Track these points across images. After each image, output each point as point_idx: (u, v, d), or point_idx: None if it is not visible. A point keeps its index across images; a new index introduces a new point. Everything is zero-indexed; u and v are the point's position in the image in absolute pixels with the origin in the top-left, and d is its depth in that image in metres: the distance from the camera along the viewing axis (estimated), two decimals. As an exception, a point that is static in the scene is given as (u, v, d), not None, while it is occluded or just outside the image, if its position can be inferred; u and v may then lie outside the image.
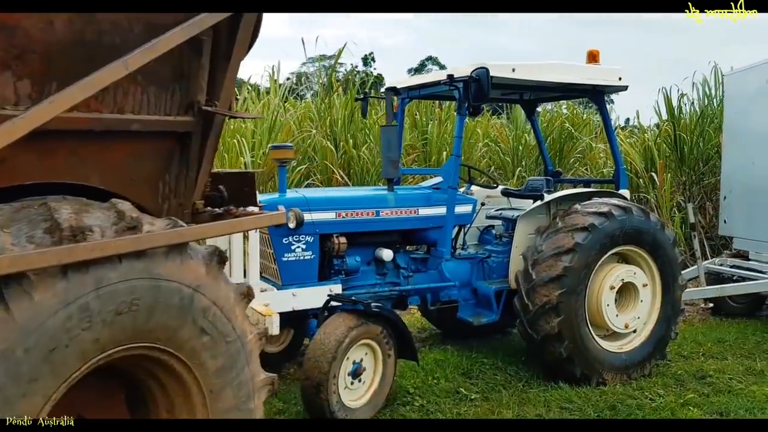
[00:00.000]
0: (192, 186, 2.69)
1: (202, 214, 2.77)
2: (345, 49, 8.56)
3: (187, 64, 2.57)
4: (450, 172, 5.08)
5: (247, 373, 2.50)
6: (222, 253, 2.42)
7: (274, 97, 8.96)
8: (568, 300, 4.77)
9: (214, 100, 2.65)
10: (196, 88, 2.58)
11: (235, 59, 2.65)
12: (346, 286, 4.80)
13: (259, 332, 2.60)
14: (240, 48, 2.65)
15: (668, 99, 9.55)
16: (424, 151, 8.60)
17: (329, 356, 4.06)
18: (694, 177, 9.52)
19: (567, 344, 4.78)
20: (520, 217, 5.29)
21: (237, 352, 2.45)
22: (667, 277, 5.27)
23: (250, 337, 2.53)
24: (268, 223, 2.76)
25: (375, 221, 4.87)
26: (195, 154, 2.66)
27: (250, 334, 2.53)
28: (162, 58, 2.44)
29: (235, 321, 2.44)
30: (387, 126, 4.95)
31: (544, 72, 5.10)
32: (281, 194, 4.64)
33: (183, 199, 2.68)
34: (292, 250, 4.56)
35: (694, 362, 5.56)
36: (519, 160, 9.55)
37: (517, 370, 5.19)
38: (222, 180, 3.00)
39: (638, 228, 5.06)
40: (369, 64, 47.11)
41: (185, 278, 2.24)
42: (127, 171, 2.48)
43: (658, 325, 5.26)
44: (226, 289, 2.42)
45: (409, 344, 4.50)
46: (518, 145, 9.64)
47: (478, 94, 4.64)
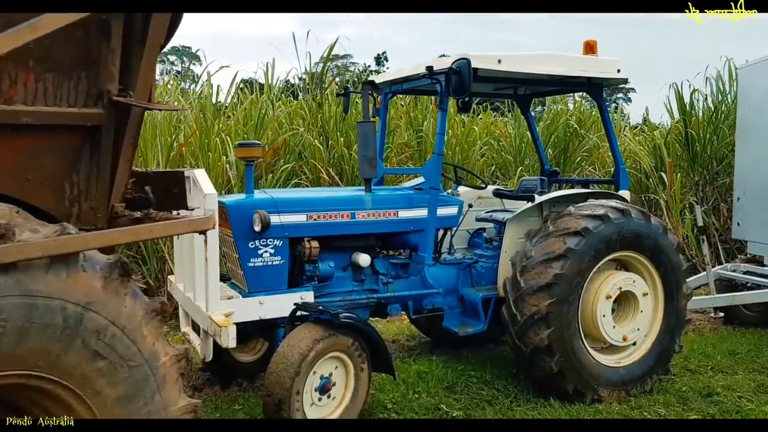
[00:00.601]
0: (106, 187, 2.38)
1: (121, 218, 2.46)
2: (348, 46, 8.23)
3: (95, 49, 2.26)
4: (432, 172, 4.72)
5: (158, 402, 2.18)
6: (126, 264, 2.10)
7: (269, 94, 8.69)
8: (559, 310, 4.40)
9: (129, 89, 2.34)
10: (106, 76, 2.28)
11: (152, 43, 2.34)
12: (319, 294, 4.47)
13: (178, 354, 2.28)
14: (157, 30, 2.33)
15: (679, 95, 9.09)
16: (419, 150, 8.24)
17: (292, 371, 3.74)
18: (707, 177, 9.05)
19: (558, 358, 4.41)
20: (510, 220, 4.92)
21: (144, 379, 2.13)
22: (671, 285, 4.87)
23: (164, 359, 2.21)
24: (185, 230, 2.44)
25: (350, 224, 4.53)
26: (108, 151, 2.35)
27: (164, 356, 2.21)
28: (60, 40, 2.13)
29: (141, 342, 2.12)
30: (364, 122, 4.61)
31: (533, 63, 4.72)
32: (248, 195, 4.32)
33: (96, 202, 2.37)
34: (259, 254, 4.23)
35: (701, 377, 5.14)
36: (522, 159, 9.16)
37: (505, 385, 4.82)
38: (150, 180, 2.68)
39: (637, 232, 4.67)
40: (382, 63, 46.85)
41: (72, 294, 1.93)
42: (22, 170, 2.18)
43: (661, 337, 4.86)
44: (130, 306, 2.10)
45: (384, 357, 4.17)
46: (521, 144, 9.24)
47: (458, 87, 4.29)
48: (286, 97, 8.85)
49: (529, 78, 4.98)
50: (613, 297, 4.65)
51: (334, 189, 6.52)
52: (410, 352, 5.73)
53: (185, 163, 7.15)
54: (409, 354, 5.69)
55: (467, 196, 5.51)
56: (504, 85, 5.64)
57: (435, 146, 4.73)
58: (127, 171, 2.45)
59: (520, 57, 4.69)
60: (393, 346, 5.96)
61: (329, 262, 4.49)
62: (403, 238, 4.81)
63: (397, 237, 4.79)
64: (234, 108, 8.53)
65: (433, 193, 4.69)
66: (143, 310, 2.15)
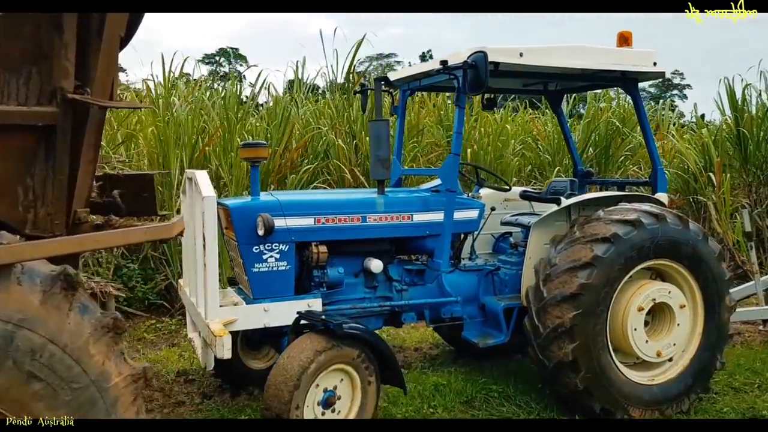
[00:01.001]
0: (64, 191, 2.21)
1: (84, 225, 2.29)
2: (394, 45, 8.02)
3: (46, 44, 2.09)
4: (449, 173, 4.44)
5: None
6: (71, 276, 1.92)
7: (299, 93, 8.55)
8: (585, 323, 4.06)
9: (86, 86, 2.16)
10: (60, 72, 2.10)
11: (111, 37, 2.15)
12: (328, 301, 4.26)
13: (134, 374, 2.09)
14: (115, 23, 2.15)
15: (731, 90, 8.49)
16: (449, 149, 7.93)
17: (291, 384, 3.53)
18: (761, 177, 8.44)
19: (583, 374, 4.07)
20: (534, 224, 4.60)
21: (91, 401, 1.95)
22: (711, 296, 4.46)
23: (116, 380, 2.02)
24: (141, 239, 2.25)
25: (360, 228, 4.29)
26: (65, 153, 2.18)
27: (117, 376, 2.03)
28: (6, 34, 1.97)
29: (87, 362, 1.94)
30: (376, 120, 4.37)
31: (560, 57, 4.38)
32: (254, 197, 4.14)
33: (53, 208, 2.20)
34: (264, 259, 4.04)
35: (745, 397, 4.70)
36: (561, 158, 8.75)
37: (528, 401, 4.51)
38: (121, 184, 2.51)
39: (674, 239, 4.28)
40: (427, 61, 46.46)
41: (2, 311, 1.76)
42: (-34, 174, 2.03)
43: (700, 353, 4.47)
44: (76, 322, 1.93)
45: (393, 369, 3.91)
46: (560, 143, 8.82)
47: (474, 83, 4.00)
48: (313, 96, 8.68)
49: (557, 73, 4.66)
50: (646, 309, 4.28)
51: (344, 191, 6.29)
52: (431, 362, 5.47)
53: (210, 164, 7.07)
54: (430, 363, 5.43)
55: (492, 198, 5.21)
56: (533, 81, 5.31)
57: (452, 146, 4.44)
58: (89, 174, 2.27)
59: (544, 50, 4.36)
60: (414, 355, 5.72)
61: (339, 268, 4.27)
62: (418, 243, 4.54)
63: (412, 242, 4.53)
64: (257, 107, 8.44)
65: (450, 195, 4.41)
66: (92, 327, 1.97)
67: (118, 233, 2.08)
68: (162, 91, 7.77)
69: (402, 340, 6.05)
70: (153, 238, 2.15)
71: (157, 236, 2.12)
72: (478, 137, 8.28)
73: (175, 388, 4.86)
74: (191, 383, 4.95)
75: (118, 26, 2.16)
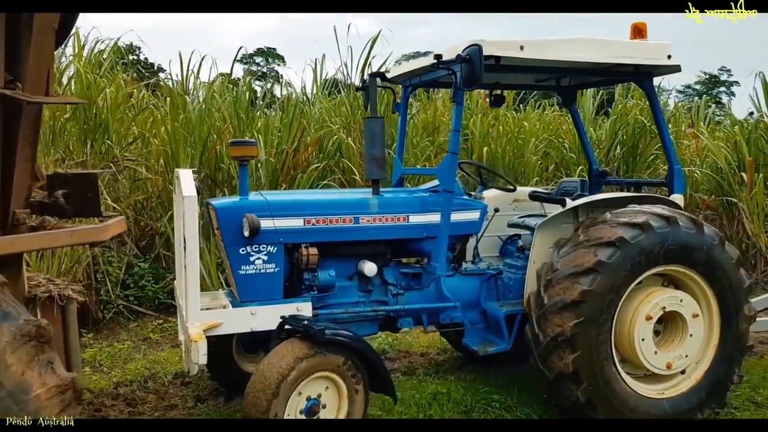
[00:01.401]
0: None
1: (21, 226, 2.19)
2: (427, 44, 7.87)
3: (-27, 35, 1.99)
4: (446, 173, 4.24)
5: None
6: (-13, 281, 1.82)
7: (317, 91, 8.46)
8: (587, 332, 3.82)
9: (18, 81, 2.06)
10: (-12, 66, 2.01)
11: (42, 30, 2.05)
12: (321, 305, 4.12)
13: (61, 384, 1.98)
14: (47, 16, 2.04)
15: (767, 85, 8.03)
16: (464, 148, 7.72)
17: (269, 392, 3.40)
18: (798, 178, 7.96)
19: (585, 386, 3.84)
20: (539, 226, 4.37)
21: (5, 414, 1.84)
22: (728, 305, 4.17)
23: (39, 391, 1.91)
24: (66, 242, 2.13)
25: (353, 230, 4.13)
26: (-3, 151, 2.08)
27: (40, 387, 1.92)
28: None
29: (3, 372, 1.83)
30: (371, 118, 4.21)
31: (565, 50, 4.14)
32: (242, 197, 4.02)
33: (-13, 209, 2.11)
34: (251, 261, 3.92)
35: (767, 413, 4.39)
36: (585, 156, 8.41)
37: (530, 413, 4.30)
38: (68, 183, 2.41)
39: (686, 243, 4.00)
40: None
41: None
42: None
43: (715, 366, 4.18)
44: (-9, 331, 1.82)
45: (382, 377, 3.75)
46: (585, 141, 8.49)
47: (469, 77, 3.79)
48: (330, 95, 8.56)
49: (564, 67, 4.42)
50: (654, 318, 4.01)
51: (337, 191, 6.13)
52: (436, 368, 5.27)
53: (221, 162, 7.01)
54: (435, 370, 5.24)
55: (498, 199, 4.99)
56: (545, 76, 5.07)
57: (449, 144, 4.25)
58: (27, 172, 2.17)
59: (548, 42, 4.12)
60: (420, 360, 5.53)
61: (330, 271, 4.12)
62: (415, 246, 4.36)
63: (409, 244, 4.35)
64: (269, 106, 8.37)
65: (447, 196, 4.21)
66: (10, 335, 1.86)
67: (38, 236, 1.98)
68: (179, 89, 7.76)
69: (408, 344, 5.87)
70: (80, 241, 2.04)
71: (85, 239, 2.01)
72: (496, 135, 8.03)
73: (170, 391, 4.79)
74: (187, 386, 4.87)
75: (51, 19, 2.05)
